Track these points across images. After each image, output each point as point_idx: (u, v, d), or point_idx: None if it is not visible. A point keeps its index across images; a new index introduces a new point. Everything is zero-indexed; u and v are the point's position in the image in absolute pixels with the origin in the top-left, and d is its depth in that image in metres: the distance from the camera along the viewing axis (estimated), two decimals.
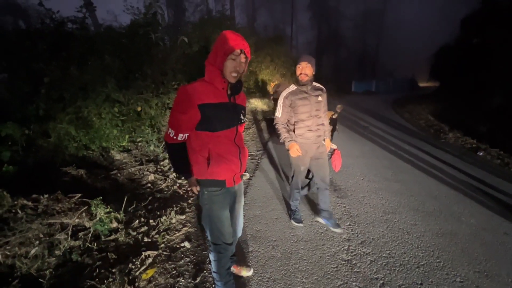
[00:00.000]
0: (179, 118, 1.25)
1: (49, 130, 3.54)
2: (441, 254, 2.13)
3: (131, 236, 2.11)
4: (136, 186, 3.12)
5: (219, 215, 1.42)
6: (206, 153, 1.32)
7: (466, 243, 2.28)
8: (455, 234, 2.41)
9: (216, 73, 1.25)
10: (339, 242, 2.23)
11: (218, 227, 1.43)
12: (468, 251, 2.17)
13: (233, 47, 1.19)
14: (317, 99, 2.13)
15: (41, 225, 1.95)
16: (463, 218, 2.69)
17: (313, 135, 2.16)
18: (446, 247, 2.22)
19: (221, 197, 1.40)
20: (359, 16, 29.88)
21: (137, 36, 5.22)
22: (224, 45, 1.20)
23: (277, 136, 2.30)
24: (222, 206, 1.42)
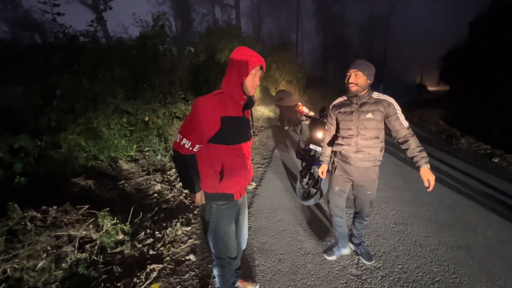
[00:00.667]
0: (200, 129, 1.23)
1: (60, 141, 3.63)
2: (457, 269, 2.03)
3: (136, 248, 2.11)
4: (143, 196, 3.13)
5: (226, 229, 1.42)
6: (219, 167, 1.32)
7: (484, 257, 2.17)
8: (471, 247, 2.30)
9: (238, 87, 1.30)
10: (348, 256, 2.16)
11: (224, 241, 1.42)
12: (486, 266, 2.06)
13: (255, 63, 1.27)
14: (366, 115, 1.73)
15: (49, 237, 1.97)
16: (479, 230, 2.57)
17: (355, 156, 1.80)
18: (462, 261, 2.12)
19: (229, 210, 1.41)
20: (365, 21, 29.85)
21: (145, 48, 5.36)
22: (248, 61, 1.26)
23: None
24: (230, 220, 1.43)
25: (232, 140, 1.31)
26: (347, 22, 28.89)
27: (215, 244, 1.44)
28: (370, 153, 1.77)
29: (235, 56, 1.29)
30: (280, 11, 27.43)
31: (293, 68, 12.31)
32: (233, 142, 1.32)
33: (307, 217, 2.78)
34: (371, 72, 1.73)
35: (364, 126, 1.75)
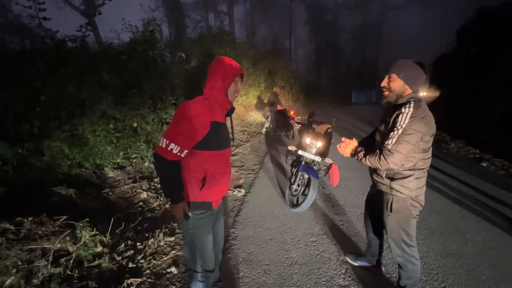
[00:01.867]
0: (189, 133, 1.19)
1: (43, 148, 3.51)
2: (446, 277, 1.99)
3: (115, 261, 2.01)
4: (128, 205, 3.03)
5: (203, 240, 1.36)
6: (202, 174, 1.28)
7: (473, 264, 2.14)
8: (461, 254, 2.27)
9: (223, 93, 1.33)
10: (336, 266, 2.10)
11: (201, 253, 1.37)
12: (475, 274, 2.03)
13: (238, 71, 1.33)
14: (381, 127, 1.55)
15: (21, 251, 1.86)
16: (468, 236, 2.55)
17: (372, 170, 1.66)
18: (451, 269, 2.08)
19: (206, 220, 1.36)
20: (357, 28, 30.46)
21: (135, 53, 5.30)
22: (232, 69, 1.31)
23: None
24: (207, 230, 1.38)
25: (219, 145, 1.32)
26: (339, 29, 29.44)
27: (191, 257, 1.38)
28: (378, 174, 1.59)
29: (218, 64, 1.32)
30: (273, 18, 27.80)
31: (286, 74, 12.39)
32: (219, 148, 1.32)
33: (296, 225, 2.72)
34: (410, 76, 1.42)
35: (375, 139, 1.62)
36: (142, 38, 5.49)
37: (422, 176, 1.48)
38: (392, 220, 1.55)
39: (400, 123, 1.36)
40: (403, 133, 1.34)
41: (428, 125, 1.37)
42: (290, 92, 12.93)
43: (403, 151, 1.35)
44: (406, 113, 1.36)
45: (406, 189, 1.46)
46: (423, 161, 1.45)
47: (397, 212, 1.52)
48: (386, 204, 1.55)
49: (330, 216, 2.93)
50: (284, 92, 12.34)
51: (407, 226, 1.53)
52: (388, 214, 1.55)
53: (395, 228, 1.55)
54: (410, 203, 1.49)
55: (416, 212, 1.52)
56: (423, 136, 1.37)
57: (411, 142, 1.35)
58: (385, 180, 1.53)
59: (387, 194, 1.55)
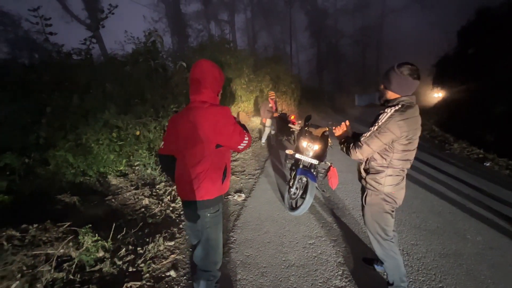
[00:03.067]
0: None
1: (49, 158, 3.63)
2: (444, 277, 1.98)
3: (116, 266, 2.06)
4: (130, 212, 3.09)
5: (217, 238, 1.44)
6: (223, 168, 1.42)
7: (472, 265, 2.12)
8: (460, 254, 2.26)
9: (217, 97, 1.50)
10: (333, 267, 2.11)
11: (214, 251, 1.44)
12: (474, 274, 2.02)
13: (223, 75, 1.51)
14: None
15: (26, 256, 1.93)
16: (468, 236, 2.53)
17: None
18: (450, 269, 2.07)
19: (220, 217, 1.45)
20: (357, 32, 30.61)
21: (137, 63, 5.46)
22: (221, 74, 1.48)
23: None
24: (220, 227, 1.47)
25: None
26: (340, 34, 29.62)
27: (204, 256, 1.42)
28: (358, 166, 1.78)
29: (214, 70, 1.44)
30: (274, 25, 28.18)
31: (287, 79, 12.49)
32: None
33: (294, 228, 2.74)
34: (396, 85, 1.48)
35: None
36: (144, 49, 5.66)
37: (396, 175, 1.53)
38: (367, 212, 1.68)
39: (378, 121, 1.47)
40: (377, 130, 1.44)
41: (403, 129, 1.41)
42: (291, 97, 13.00)
43: (372, 146, 1.47)
44: (387, 113, 1.45)
45: (378, 184, 1.55)
46: (399, 161, 1.51)
47: (370, 205, 1.64)
48: (362, 196, 1.71)
49: (329, 219, 2.94)
50: (285, 97, 12.43)
51: (380, 219, 1.62)
52: (363, 206, 1.71)
53: (370, 220, 1.68)
54: (383, 197, 1.58)
55: (389, 207, 1.59)
56: (396, 138, 1.43)
57: (382, 140, 1.44)
58: (363, 173, 1.65)
59: (364, 187, 1.68)
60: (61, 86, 4.33)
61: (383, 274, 2.01)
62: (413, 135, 1.46)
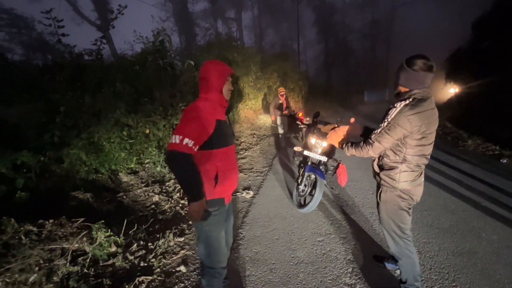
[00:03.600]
0: (200, 129, 1.25)
1: (63, 156, 3.74)
2: (457, 276, 1.94)
3: (128, 260, 2.11)
4: (140, 208, 3.16)
5: (218, 237, 1.43)
6: (214, 172, 1.36)
7: (487, 263, 2.06)
8: (474, 253, 2.20)
9: (220, 93, 1.43)
10: (342, 264, 2.09)
11: (216, 249, 1.44)
12: (489, 273, 1.96)
13: (228, 71, 1.44)
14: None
15: (43, 251, 2.01)
16: (483, 235, 2.46)
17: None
18: (464, 268, 2.02)
19: (220, 216, 1.43)
20: (366, 26, 29.97)
21: (146, 63, 5.54)
22: (223, 71, 1.42)
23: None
24: (221, 227, 1.45)
25: (225, 142, 1.40)
26: (348, 29, 29.06)
27: (206, 253, 1.44)
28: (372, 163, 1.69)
29: (212, 67, 1.41)
30: (281, 21, 27.94)
31: (295, 76, 12.39)
32: (225, 144, 1.40)
33: (303, 225, 2.73)
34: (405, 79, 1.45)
35: None
36: (153, 48, 5.73)
37: (412, 170, 1.48)
38: (382, 209, 1.63)
39: (388, 116, 1.42)
40: (387, 126, 1.41)
41: (415, 123, 1.36)
42: (299, 94, 12.90)
43: (383, 143, 1.43)
44: (396, 108, 1.41)
45: (392, 180, 1.51)
46: (413, 157, 1.46)
47: (385, 202, 1.59)
48: (377, 193, 1.64)
49: (338, 217, 2.92)
50: (293, 94, 12.34)
51: (395, 217, 1.58)
52: (378, 203, 1.66)
53: (385, 217, 1.63)
54: (398, 194, 1.53)
55: (405, 204, 1.54)
56: (408, 134, 1.39)
57: (392, 137, 1.40)
58: (376, 169, 1.61)
59: (378, 184, 1.63)
60: (73, 86, 4.45)
61: (394, 272, 1.98)
62: (427, 129, 1.40)
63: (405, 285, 1.65)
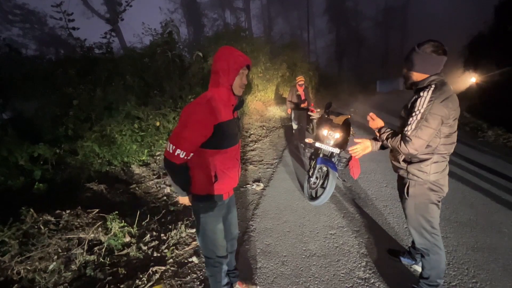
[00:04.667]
0: (192, 138, 1.21)
1: (77, 148, 3.82)
2: (477, 272, 1.86)
3: (141, 250, 2.15)
4: (152, 199, 3.21)
5: (214, 228, 1.42)
6: (211, 171, 1.32)
7: (510, 259, 1.97)
8: (495, 248, 2.11)
9: (228, 89, 1.30)
10: (356, 258, 2.06)
11: (212, 239, 1.43)
12: (511, 269, 1.87)
13: (242, 62, 1.27)
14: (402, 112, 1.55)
15: (61, 240, 2.07)
16: (505, 229, 2.35)
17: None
18: (484, 264, 1.94)
19: (216, 209, 1.41)
20: (380, 14, 28.79)
21: (155, 55, 5.53)
22: (235, 61, 1.26)
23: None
24: (217, 219, 1.43)
25: (224, 144, 1.31)
26: (360, 16, 28.02)
27: (204, 244, 1.44)
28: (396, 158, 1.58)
29: (221, 57, 1.27)
30: (290, 10, 27.22)
31: (305, 66, 12.13)
32: (226, 146, 1.32)
33: (314, 218, 2.70)
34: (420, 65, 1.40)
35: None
36: (161, 40, 5.70)
37: (441, 161, 1.42)
38: (409, 205, 1.54)
39: (418, 107, 1.32)
40: (422, 118, 1.30)
41: (450, 108, 1.30)
42: (309, 84, 12.65)
43: (423, 137, 1.32)
44: (425, 97, 1.32)
45: (423, 173, 1.43)
46: (444, 146, 1.39)
47: (414, 197, 1.50)
48: (403, 189, 1.53)
49: (351, 209, 2.86)
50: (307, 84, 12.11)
51: (425, 211, 1.49)
52: (405, 199, 1.54)
53: (413, 214, 1.53)
54: (428, 187, 1.45)
55: (436, 197, 1.47)
56: (444, 120, 1.31)
57: (431, 127, 1.30)
58: (402, 164, 1.51)
59: (404, 179, 1.53)
60: (85, 79, 4.51)
61: (410, 267, 1.93)
62: (456, 114, 1.34)
63: (426, 281, 1.57)
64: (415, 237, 1.58)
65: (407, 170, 1.48)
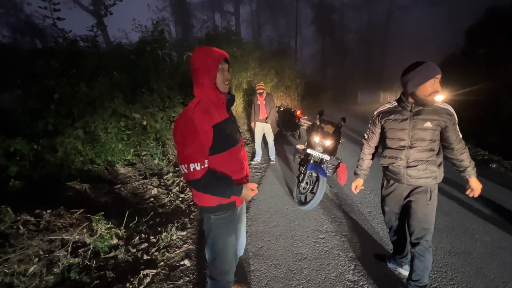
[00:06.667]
0: (199, 146, 1.13)
1: (57, 144, 3.61)
2: (454, 275, 2.01)
3: (130, 253, 2.08)
4: (139, 201, 3.11)
5: (225, 241, 1.31)
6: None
7: (482, 263, 2.15)
8: (469, 253, 2.28)
9: (213, 88, 1.23)
10: (345, 262, 2.13)
11: (222, 256, 1.32)
12: (484, 272, 2.04)
13: (219, 57, 1.21)
14: (424, 124, 1.51)
15: (42, 241, 1.94)
16: (477, 236, 2.56)
17: (406, 172, 1.60)
18: (460, 267, 2.10)
19: (228, 220, 1.31)
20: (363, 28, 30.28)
21: (144, 53, 5.40)
22: (212, 58, 1.19)
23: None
24: (230, 231, 1.33)
25: (227, 144, 1.25)
26: (345, 29, 29.28)
27: (212, 260, 1.33)
28: (426, 168, 1.56)
29: (197, 58, 1.21)
30: (279, 18, 27.80)
31: (292, 73, 12.40)
32: (228, 147, 1.25)
33: (304, 222, 2.76)
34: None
35: (419, 137, 1.54)
36: (152, 37, 5.58)
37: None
38: (432, 208, 1.62)
39: (456, 118, 1.56)
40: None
41: None
42: (295, 92, 12.94)
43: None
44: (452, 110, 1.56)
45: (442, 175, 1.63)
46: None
47: (434, 199, 1.64)
48: (424, 195, 1.60)
49: (338, 215, 2.96)
50: (290, 92, 12.35)
51: (435, 212, 1.65)
52: (427, 204, 1.59)
53: (430, 217, 1.62)
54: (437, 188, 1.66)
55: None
56: None
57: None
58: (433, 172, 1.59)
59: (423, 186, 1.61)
60: (68, 72, 4.29)
61: (395, 270, 2.04)
62: None
63: (417, 283, 1.65)
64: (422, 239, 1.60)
65: (437, 176, 1.59)
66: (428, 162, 1.56)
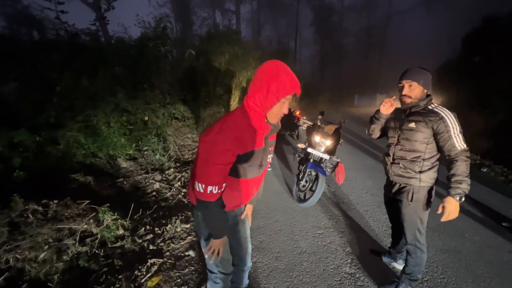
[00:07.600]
0: (220, 171, 1.07)
1: (59, 137, 3.64)
2: (445, 270, 2.13)
3: (136, 243, 2.15)
4: (141, 194, 3.17)
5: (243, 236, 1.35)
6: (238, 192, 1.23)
7: (471, 260, 2.27)
8: (459, 251, 2.41)
9: (262, 117, 1.11)
10: (342, 255, 2.24)
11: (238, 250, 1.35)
12: (472, 269, 2.17)
13: (289, 91, 1.05)
14: (409, 124, 1.59)
15: (51, 230, 2.00)
16: (467, 235, 2.69)
17: (390, 169, 1.73)
18: (450, 263, 2.22)
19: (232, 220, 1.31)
20: (362, 31, 30.57)
21: (146, 48, 5.42)
22: (281, 88, 1.03)
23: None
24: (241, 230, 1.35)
25: (245, 175, 1.18)
26: (345, 32, 29.53)
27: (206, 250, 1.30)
28: (406, 167, 1.63)
29: (266, 74, 1.05)
30: (279, 18, 27.89)
31: None
32: (245, 177, 1.18)
33: (303, 219, 2.86)
34: (427, 81, 1.56)
35: (404, 136, 1.62)
36: (154, 34, 5.61)
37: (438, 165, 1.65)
38: (411, 210, 1.67)
39: (452, 126, 1.48)
40: (461, 132, 1.51)
41: None
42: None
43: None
44: (450, 116, 1.50)
45: (432, 180, 1.64)
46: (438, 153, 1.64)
47: (417, 201, 1.65)
48: (406, 195, 1.66)
49: (335, 212, 3.07)
50: None
51: (423, 214, 1.67)
52: (408, 204, 1.66)
53: (413, 217, 1.67)
54: (429, 191, 1.65)
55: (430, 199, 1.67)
56: None
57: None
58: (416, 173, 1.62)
59: (406, 186, 1.67)
60: (70, 66, 4.30)
61: (389, 264, 2.14)
62: None
63: (408, 276, 1.76)
64: (409, 238, 1.71)
65: (420, 177, 1.62)
66: (411, 163, 1.62)
